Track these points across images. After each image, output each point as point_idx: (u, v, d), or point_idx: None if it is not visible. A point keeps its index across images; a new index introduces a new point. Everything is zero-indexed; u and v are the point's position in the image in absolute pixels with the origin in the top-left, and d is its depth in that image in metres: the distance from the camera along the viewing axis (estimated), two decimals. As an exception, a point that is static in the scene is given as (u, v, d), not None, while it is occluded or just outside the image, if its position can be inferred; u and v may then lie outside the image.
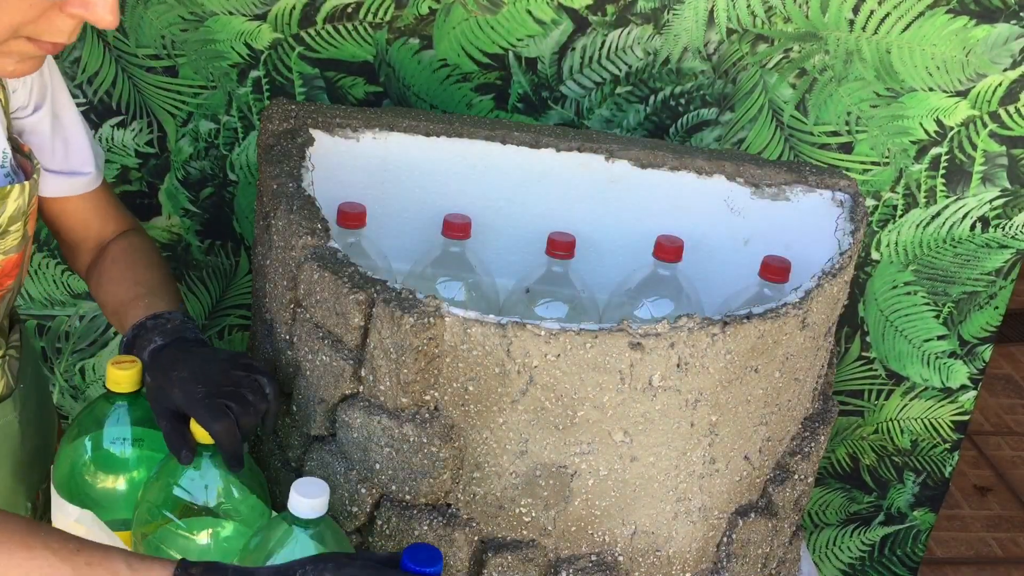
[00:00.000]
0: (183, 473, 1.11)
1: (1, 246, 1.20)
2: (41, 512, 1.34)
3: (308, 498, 1.01)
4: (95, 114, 1.80)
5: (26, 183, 1.20)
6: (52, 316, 1.97)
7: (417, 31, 1.79)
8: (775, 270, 1.36)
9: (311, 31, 1.78)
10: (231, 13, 1.76)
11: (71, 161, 1.33)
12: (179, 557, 1.05)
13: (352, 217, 1.37)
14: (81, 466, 1.17)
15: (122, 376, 1.15)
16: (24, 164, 1.25)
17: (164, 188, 1.90)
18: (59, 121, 1.31)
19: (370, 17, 1.78)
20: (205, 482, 1.11)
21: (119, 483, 1.18)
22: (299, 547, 1.01)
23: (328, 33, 1.79)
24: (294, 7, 1.76)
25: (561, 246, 1.41)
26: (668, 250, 1.39)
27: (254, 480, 1.14)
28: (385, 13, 1.77)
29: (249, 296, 1.99)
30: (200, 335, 1.26)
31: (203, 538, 1.11)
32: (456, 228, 1.41)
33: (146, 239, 1.43)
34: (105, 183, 1.40)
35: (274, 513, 1.13)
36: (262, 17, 1.77)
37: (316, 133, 1.41)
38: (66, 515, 1.15)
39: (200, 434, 1.09)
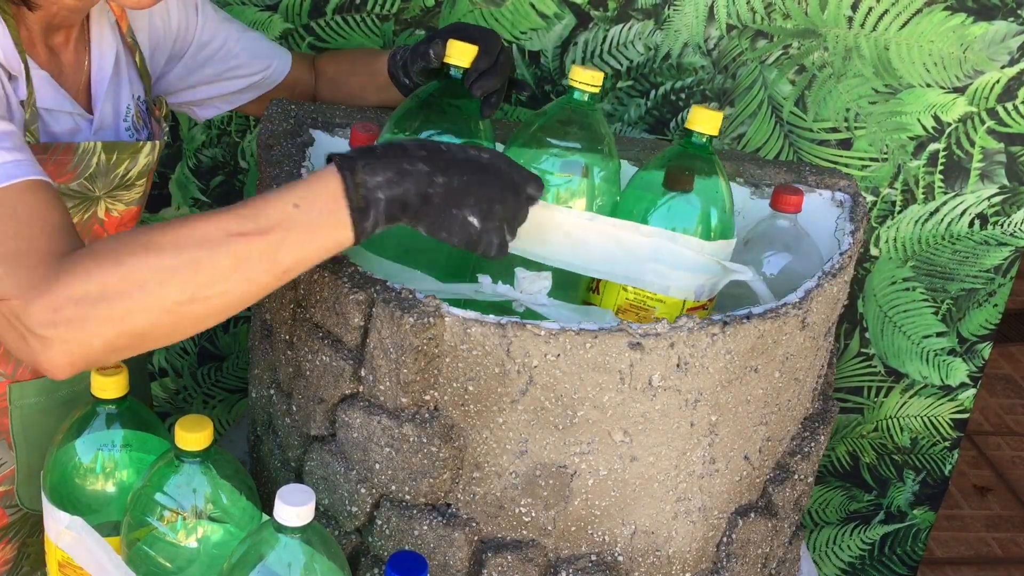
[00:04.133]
0: (171, 478, 1.10)
1: (126, 197, 1.31)
2: None
3: (293, 506, 1.00)
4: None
5: (157, 143, 1.32)
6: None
7: (423, 23, 1.80)
8: (787, 200, 1.34)
9: (320, 21, 1.79)
10: (243, 3, 1.78)
11: (254, 69, 1.52)
12: (168, 564, 1.07)
13: (364, 140, 1.35)
14: (70, 471, 1.17)
15: (108, 382, 1.15)
16: (156, 130, 1.37)
17: (175, 177, 1.91)
18: (221, 51, 1.48)
19: (377, 8, 1.79)
20: (193, 486, 1.10)
21: (108, 488, 1.18)
22: (287, 553, 1.01)
23: (337, 24, 1.80)
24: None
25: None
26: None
27: (242, 483, 1.14)
28: (392, 5, 1.78)
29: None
30: None
31: (192, 542, 1.11)
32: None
33: (326, 55, 1.63)
34: (288, 52, 1.57)
35: (265, 516, 1.12)
36: (273, 8, 1.79)
37: (316, 133, 1.41)
38: (57, 521, 1.15)
39: (187, 440, 1.08)
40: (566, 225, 1.17)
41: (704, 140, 1.23)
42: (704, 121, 1.23)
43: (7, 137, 1.03)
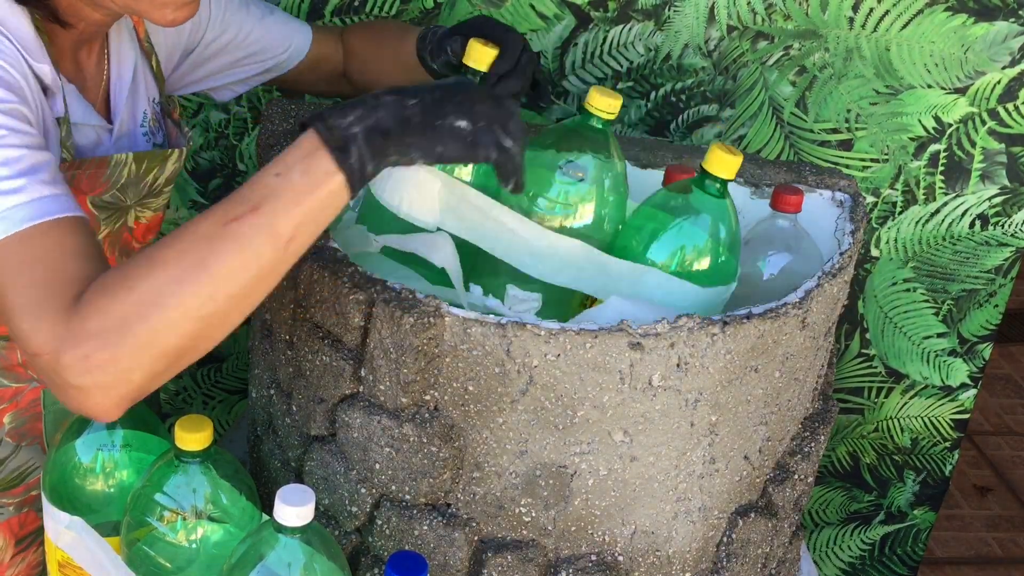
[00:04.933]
0: (171, 478, 1.10)
1: (154, 204, 1.32)
2: None
3: (293, 506, 1.00)
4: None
5: (184, 149, 1.33)
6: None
7: (423, 24, 1.79)
8: (787, 200, 1.34)
9: (319, 23, 1.78)
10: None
11: (268, 55, 1.50)
12: (167, 564, 1.07)
13: None
14: (70, 471, 1.17)
15: None
16: (173, 132, 1.37)
17: (173, 179, 1.91)
18: (232, 43, 1.46)
19: (376, 11, 1.78)
20: (193, 486, 1.10)
21: (108, 488, 1.18)
22: (287, 553, 1.01)
23: (336, 25, 1.80)
24: (303, 0, 1.77)
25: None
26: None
27: (242, 483, 1.14)
28: (391, 7, 1.78)
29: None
30: None
31: (192, 542, 1.11)
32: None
33: (354, 29, 1.59)
34: (309, 31, 1.54)
35: (264, 516, 1.12)
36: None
37: (315, 132, 1.41)
38: (56, 521, 1.15)
39: (187, 440, 1.08)
40: (563, 252, 1.18)
41: (719, 184, 1.19)
42: (722, 167, 1.18)
43: (45, 168, 1.02)
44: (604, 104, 1.19)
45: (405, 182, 1.19)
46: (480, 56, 1.23)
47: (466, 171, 1.23)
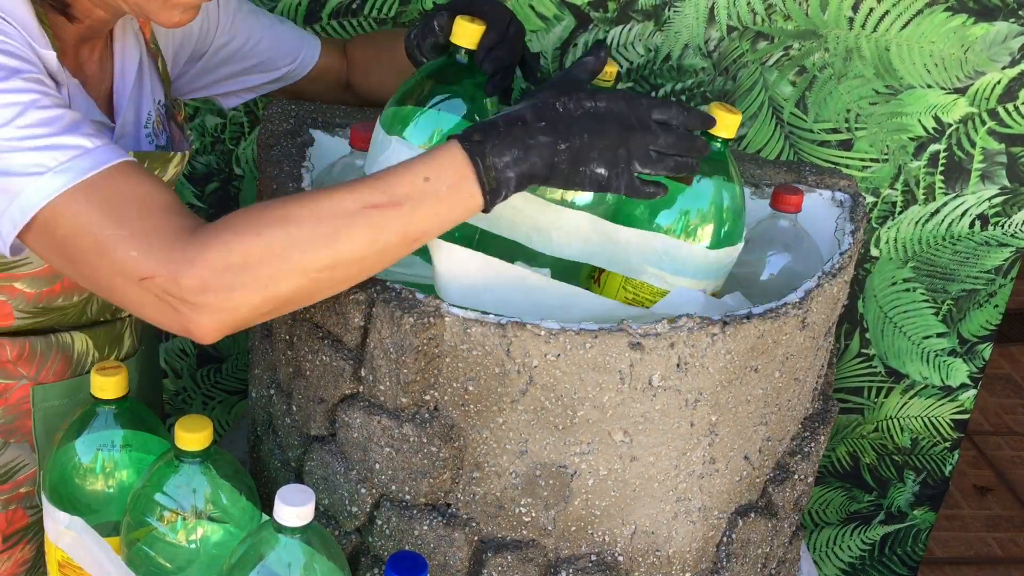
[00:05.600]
0: (171, 478, 1.10)
1: None
2: None
3: (293, 506, 1.00)
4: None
5: (187, 152, 1.33)
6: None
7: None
8: (787, 200, 1.34)
9: (316, 27, 1.78)
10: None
11: (277, 65, 1.52)
12: (167, 565, 1.07)
13: (364, 140, 1.34)
14: (70, 471, 1.17)
15: (108, 382, 1.15)
16: (176, 134, 1.37)
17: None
18: (241, 50, 1.48)
19: (375, 13, 1.78)
20: (193, 487, 1.10)
21: (108, 488, 1.18)
22: (287, 553, 1.01)
23: (333, 29, 1.80)
24: (300, 2, 1.77)
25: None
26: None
27: (242, 483, 1.14)
28: (390, 8, 1.78)
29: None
30: None
31: (192, 542, 1.11)
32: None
33: (355, 40, 1.61)
34: (317, 42, 1.56)
35: (264, 516, 1.12)
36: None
37: (316, 133, 1.41)
38: (56, 521, 1.15)
39: (187, 440, 1.08)
40: (569, 224, 1.18)
41: (719, 143, 1.22)
42: (721, 124, 1.21)
43: (85, 124, 1.06)
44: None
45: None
46: (466, 33, 1.23)
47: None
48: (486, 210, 1.05)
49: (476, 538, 1.16)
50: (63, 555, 1.16)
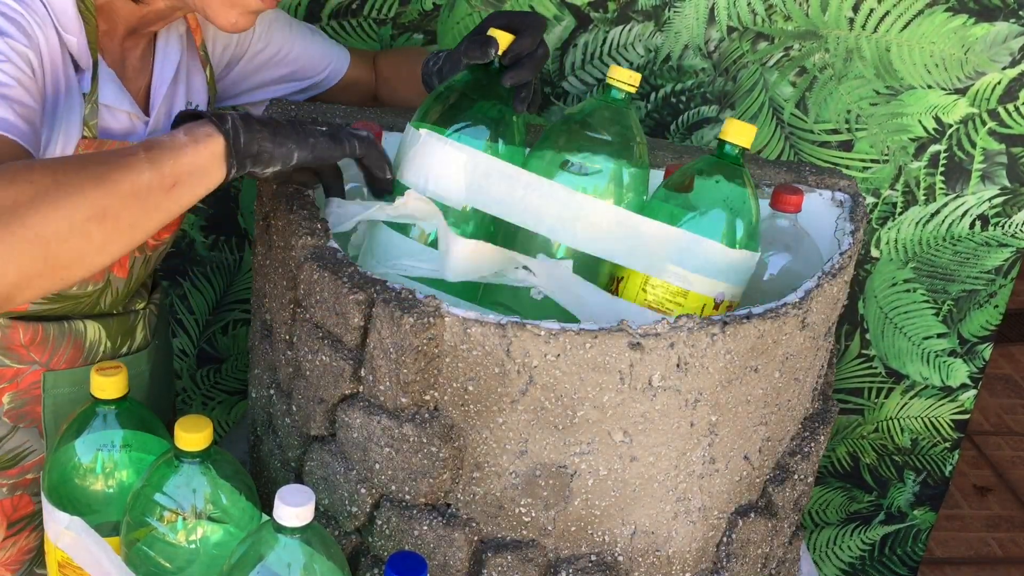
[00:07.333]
0: (171, 478, 1.10)
1: None
2: None
3: (293, 506, 1.00)
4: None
5: None
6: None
7: (421, 27, 1.79)
8: (787, 200, 1.34)
9: (316, 27, 1.78)
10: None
11: (308, 75, 1.56)
12: (167, 565, 1.07)
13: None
14: (70, 471, 1.17)
15: (108, 382, 1.15)
16: None
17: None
18: (275, 58, 1.51)
19: (375, 13, 1.78)
20: (193, 487, 1.10)
21: (108, 488, 1.18)
22: (286, 554, 1.01)
23: (333, 29, 1.80)
24: (300, 3, 1.77)
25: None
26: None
27: (242, 483, 1.14)
28: (389, 9, 1.78)
29: (249, 294, 1.99)
30: None
31: (192, 542, 1.11)
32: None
33: (384, 54, 1.66)
34: (347, 54, 1.60)
35: (264, 516, 1.12)
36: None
37: (315, 132, 1.41)
38: (56, 521, 1.15)
39: (186, 440, 1.09)
40: (594, 216, 1.19)
41: (737, 152, 1.23)
42: (738, 133, 1.23)
43: (18, 101, 1.06)
44: (625, 76, 1.22)
45: (429, 158, 1.19)
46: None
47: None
48: (227, 147, 1.07)
49: (476, 538, 1.16)
50: (63, 555, 1.16)
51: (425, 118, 1.23)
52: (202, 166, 1.06)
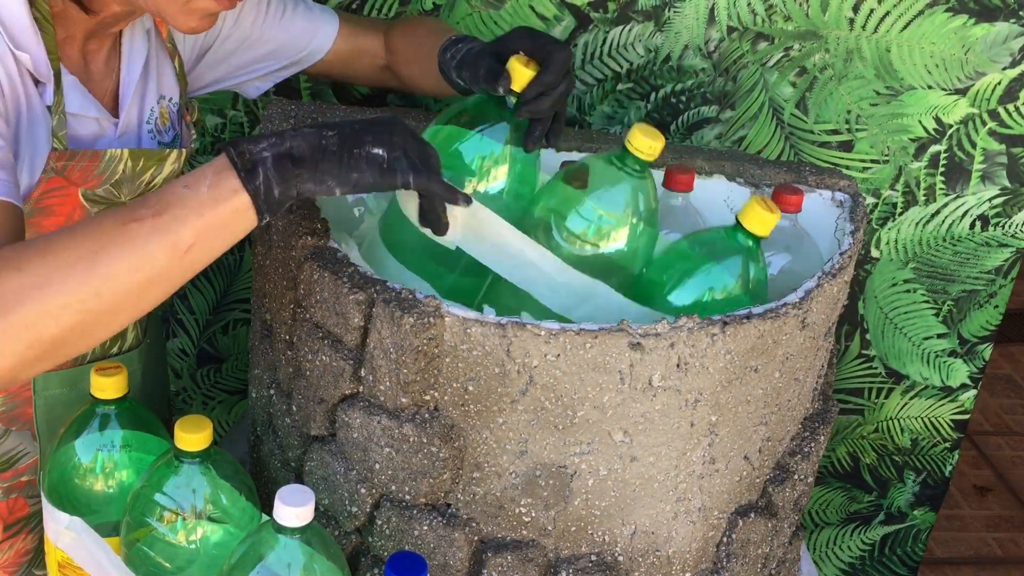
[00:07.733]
0: (171, 479, 1.10)
1: None
2: None
3: (293, 506, 1.00)
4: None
5: (184, 151, 1.32)
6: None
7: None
8: (787, 200, 1.34)
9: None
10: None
11: (288, 52, 1.49)
12: (167, 565, 1.07)
13: None
14: (70, 471, 1.17)
15: (107, 383, 1.15)
16: (185, 133, 1.37)
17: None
18: (246, 41, 1.46)
19: (374, 13, 1.78)
20: (193, 487, 1.10)
21: (108, 488, 1.18)
22: (286, 554, 1.01)
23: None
24: None
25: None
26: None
27: (242, 483, 1.14)
28: (390, 9, 1.77)
29: (249, 295, 1.99)
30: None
31: (192, 543, 1.11)
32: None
33: (397, 26, 1.56)
34: (334, 26, 1.52)
35: (264, 516, 1.12)
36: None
37: (316, 132, 1.41)
38: (56, 522, 1.15)
39: (186, 440, 1.08)
40: (572, 285, 1.18)
41: (752, 242, 1.19)
42: (760, 224, 1.18)
43: None
44: (645, 146, 1.16)
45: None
46: (518, 77, 1.17)
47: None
48: (256, 205, 0.99)
49: (476, 538, 1.16)
50: (63, 555, 1.16)
51: (436, 136, 1.20)
52: (223, 223, 0.98)
